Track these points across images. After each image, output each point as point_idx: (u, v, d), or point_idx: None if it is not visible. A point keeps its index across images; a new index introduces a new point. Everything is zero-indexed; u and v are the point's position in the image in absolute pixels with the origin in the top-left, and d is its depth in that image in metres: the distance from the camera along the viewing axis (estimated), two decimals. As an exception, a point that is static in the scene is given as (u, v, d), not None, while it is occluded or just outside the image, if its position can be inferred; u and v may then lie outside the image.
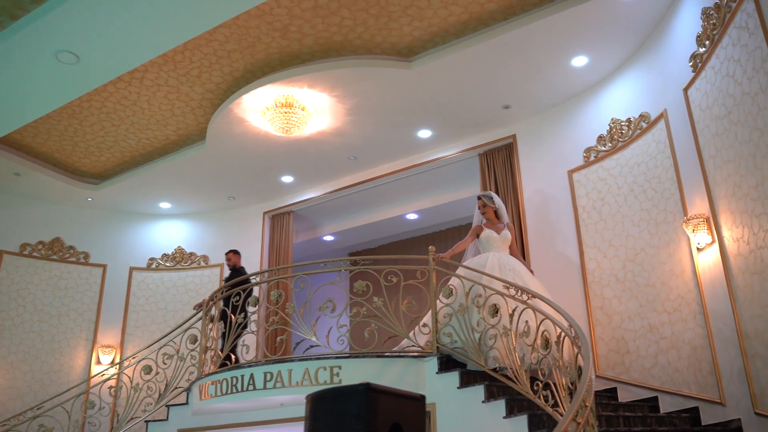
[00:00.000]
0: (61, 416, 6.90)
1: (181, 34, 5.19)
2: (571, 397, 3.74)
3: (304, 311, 5.53)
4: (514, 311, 4.76)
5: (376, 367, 5.13)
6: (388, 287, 5.42)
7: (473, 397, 4.71)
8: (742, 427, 4.67)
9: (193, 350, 6.45)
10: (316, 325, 5.52)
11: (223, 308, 6.21)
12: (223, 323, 6.16)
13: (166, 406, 6.57)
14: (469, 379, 4.91)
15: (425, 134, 8.08)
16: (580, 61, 6.64)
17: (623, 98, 6.65)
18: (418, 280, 5.48)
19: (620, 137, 6.57)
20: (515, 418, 4.36)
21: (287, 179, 9.24)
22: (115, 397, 8.12)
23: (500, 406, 4.50)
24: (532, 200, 7.42)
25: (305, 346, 5.70)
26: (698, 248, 5.29)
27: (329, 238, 10.69)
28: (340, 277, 5.74)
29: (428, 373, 5.09)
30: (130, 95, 7.38)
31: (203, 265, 9.90)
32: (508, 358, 4.66)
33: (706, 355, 5.21)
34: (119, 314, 9.54)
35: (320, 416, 2.59)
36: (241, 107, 7.32)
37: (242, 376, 5.44)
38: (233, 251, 8.25)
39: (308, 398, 2.68)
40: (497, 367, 4.88)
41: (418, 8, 6.13)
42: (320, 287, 5.66)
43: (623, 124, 6.56)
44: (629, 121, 6.48)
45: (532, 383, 4.37)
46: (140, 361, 6.74)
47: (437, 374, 5.04)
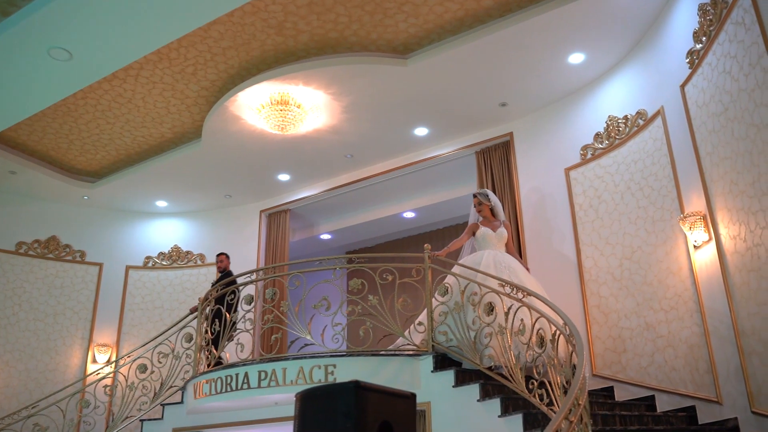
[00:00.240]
0: (56, 415, 6.88)
1: (174, 30, 5.16)
2: (566, 395, 3.70)
3: (299, 309, 5.50)
4: (509, 309, 4.73)
5: (371, 365, 5.11)
6: (383, 285, 5.39)
7: (468, 395, 4.68)
8: (738, 426, 4.63)
9: (188, 349, 6.43)
10: (310, 323, 5.50)
11: (217, 306, 6.17)
12: (217, 321, 6.13)
13: (161, 405, 6.55)
14: (464, 377, 4.89)
15: (422, 132, 8.05)
16: (576, 58, 6.61)
17: (620, 95, 6.62)
18: (413, 278, 5.45)
19: (617, 135, 6.54)
20: (510, 417, 4.33)
21: (284, 177, 9.21)
22: (110, 396, 8.09)
23: (495, 404, 4.47)
24: (528, 198, 7.39)
25: (300, 344, 5.69)
26: (695, 246, 5.26)
27: (326, 236, 10.66)
28: (335, 275, 5.71)
29: (423, 371, 5.07)
30: (125, 93, 7.35)
31: (200, 263, 9.87)
32: (503, 356, 4.63)
33: (702, 353, 5.18)
34: (115, 313, 9.51)
35: (310, 414, 2.56)
36: (236, 105, 7.28)
37: (236, 374, 5.42)
38: (226, 254, 8.21)
39: (298, 396, 2.65)
40: (492, 365, 4.85)
41: (413, 5, 6.09)
42: (315, 285, 5.63)
43: (620, 121, 6.52)
44: (626, 118, 6.45)
45: (527, 382, 4.34)
46: (136, 359, 6.72)
47: (432, 373, 5.01)
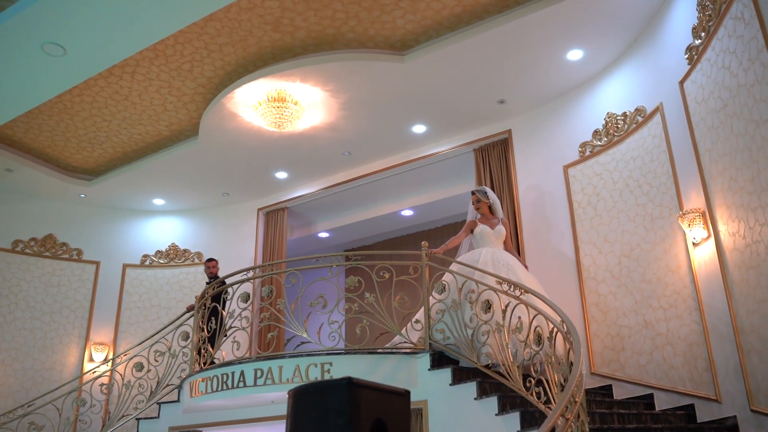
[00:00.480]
0: (52, 414, 6.84)
1: (169, 25, 5.11)
2: (563, 392, 3.67)
3: (295, 307, 5.47)
4: (506, 307, 4.70)
5: (367, 363, 5.08)
6: (380, 283, 5.36)
7: (465, 393, 4.66)
8: (737, 424, 4.60)
9: (184, 347, 6.39)
10: (307, 321, 5.46)
11: (213, 305, 6.14)
12: (213, 319, 6.10)
13: (157, 403, 6.51)
14: (461, 375, 4.86)
15: (419, 129, 8.01)
16: (575, 54, 6.57)
17: (619, 92, 6.58)
18: (410, 275, 5.42)
19: (616, 131, 6.50)
20: (507, 415, 4.30)
21: (281, 175, 9.17)
22: (107, 394, 8.06)
23: (492, 403, 4.44)
24: (527, 196, 7.35)
25: (296, 342, 5.65)
26: (694, 243, 5.22)
27: (324, 235, 10.62)
28: (331, 272, 5.67)
29: (420, 369, 5.04)
30: (121, 90, 7.31)
31: (197, 262, 9.82)
32: (500, 354, 4.60)
33: (701, 351, 5.15)
34: (112, 311, 9.46)
35: (302, 411, 2.53)
36: (233, 102, 7.24)
37: (232, 373, 5.38)
38: (215, 260, 8.17)
39: (290, 393, 2.62)
40: (490, 363, 4.82)
41: (411, 1, 6.05)
42: (312, 283, 5.61)
43: (619, 118, 6.49)
44: (625, 115, 6.41)
45: (524, 380, 4.31)
46: (132, 358, 6.68)
47: (429, 371, 4.98)
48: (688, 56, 5.30)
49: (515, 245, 6.98)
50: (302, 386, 2.60)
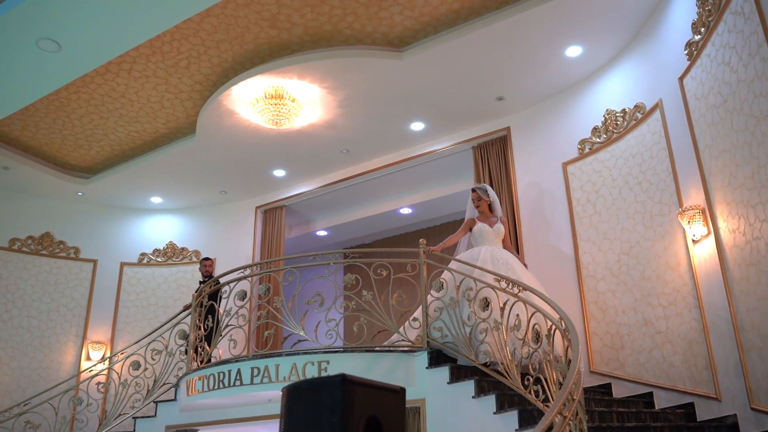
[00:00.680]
0: (48, 413, 6.81)
1: (165, 20, 5.06)
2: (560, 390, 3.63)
3: (292, 305, 5.43)
4: (505, 304, 4.67)
5: (365, 361, 5.04)
6: (378, 281, 5.32)
7: (463, 392, 4.62)
8: (738, 422, 4.57)
9: (181, 346, 6.36)
10: (304, 319, 5.43)
11: (210, 303, 6.11)
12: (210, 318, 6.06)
13: (154, 402, 6.48)
14: (459, 374, 4.82)
15: (418, 127, 7.97)
16: (574, 51, 6.53)
17: (618, 88, 6.54)
18: (408, 273, 5.39)
19: (615, 128, 6.47)
20: (506, 413, 4.26)
21: (279, 173, 9.13)
22: (104, 393, 8.03)
23: (490, 401, 4.41)
24: (526, 193, 7.31)
25: (293, 340, 5.61)
26: (694, 240, 5.19)
27: (322, 233, 10.59)
28: (329, 270, 5.64)
29: (418, 368, 5.00)
30: (118, 87, 7.27)
31: (195, 260, 9.77)
32: (499, 352, 4.56)
33: (701, 349, 5.11)
34: (110, 310, 9.43)
35: (296, 409, 2.49)
36: (230, 99, 7.20)
37: (229, 371, 5.35)
38: (212, 259, 8.17)
39: (284, 390, 2.58)
40: (488, 361, 4.78)
41: (409, -3, 6.02)
42: (309, 281, 5.57)
43: (618, 114, 6.45)
44: (624, 111, 6.37)
45: (523, 378, 4.27)
46: (129, 356, 6.65)
47: (427, 369, 4.95)
48: (687, 52, 5.26)
49: (514, 243, 6.94)
50: (296, 383, 2.56)
